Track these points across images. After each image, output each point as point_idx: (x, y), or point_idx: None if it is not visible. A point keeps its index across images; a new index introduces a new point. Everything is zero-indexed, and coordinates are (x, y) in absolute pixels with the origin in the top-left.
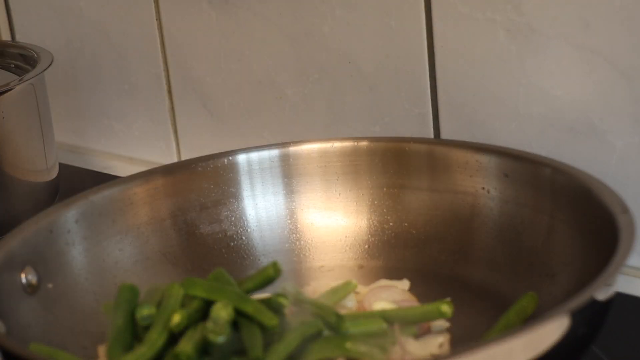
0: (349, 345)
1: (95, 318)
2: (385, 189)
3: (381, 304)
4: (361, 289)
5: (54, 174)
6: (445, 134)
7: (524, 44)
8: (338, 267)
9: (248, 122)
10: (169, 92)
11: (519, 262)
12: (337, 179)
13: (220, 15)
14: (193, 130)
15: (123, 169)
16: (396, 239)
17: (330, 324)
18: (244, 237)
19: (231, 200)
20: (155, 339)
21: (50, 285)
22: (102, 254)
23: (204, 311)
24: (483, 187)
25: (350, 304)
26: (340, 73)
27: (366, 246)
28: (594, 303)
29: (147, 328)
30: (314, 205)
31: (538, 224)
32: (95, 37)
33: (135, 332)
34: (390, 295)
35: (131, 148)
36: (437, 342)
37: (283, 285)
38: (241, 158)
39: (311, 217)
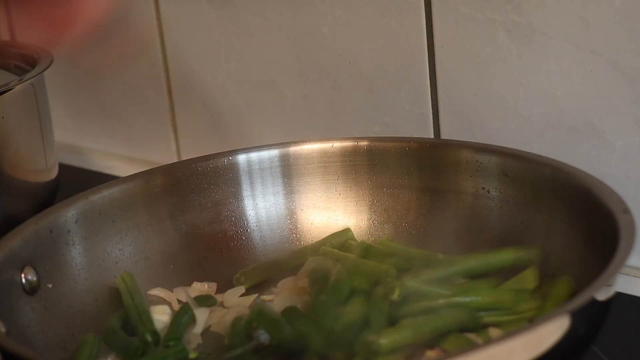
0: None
1: (95, 318)
2: (385, 189)
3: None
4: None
5: (54, 174)
6: (445, 134)
7: (524, 44)
8: None
9: (248, 122)
10: (169, 92)
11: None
12: (337, 179)
13: (220, 15)
14: (193, 130)
15: (123, 169)
16: (396, 238)
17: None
18: (244, 237)
19: (231, 200)
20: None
21: (50, 285)
22: (102, 254)
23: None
24: (483, 187)
25: None
26: (340, 73)
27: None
28: (594, 303)
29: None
30: (314, 205)
31: (538, 224)
32: (95, 37)
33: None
34: None
35: (131, 148)
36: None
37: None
38: (241, 158)
39: (311, 217)
